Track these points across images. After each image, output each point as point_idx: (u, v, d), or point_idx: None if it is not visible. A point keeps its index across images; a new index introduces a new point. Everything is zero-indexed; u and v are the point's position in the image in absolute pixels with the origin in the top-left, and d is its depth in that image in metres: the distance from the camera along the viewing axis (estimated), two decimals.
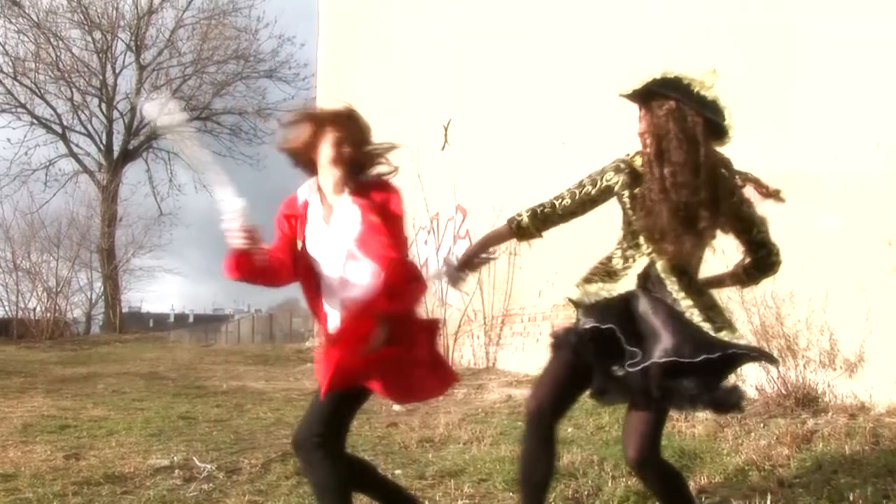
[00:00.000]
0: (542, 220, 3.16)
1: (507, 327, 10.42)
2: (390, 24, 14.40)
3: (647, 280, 2.87)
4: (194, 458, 5.07)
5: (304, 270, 3.00)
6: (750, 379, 6.51)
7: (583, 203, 3.11)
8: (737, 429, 5.38)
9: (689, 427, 5.59)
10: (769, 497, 3.65)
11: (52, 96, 30.17)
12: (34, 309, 23.45)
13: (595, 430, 5.85)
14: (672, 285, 2.81)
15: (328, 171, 3.04)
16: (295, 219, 3.03)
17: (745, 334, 2.77)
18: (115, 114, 31.59)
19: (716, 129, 2.92)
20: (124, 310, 33.46)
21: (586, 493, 3.87)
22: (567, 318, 2.81)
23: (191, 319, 64.43)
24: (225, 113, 32.23)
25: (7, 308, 23.89)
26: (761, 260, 3.11)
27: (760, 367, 6.25)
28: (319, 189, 3.06)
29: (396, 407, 5.00)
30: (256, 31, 31.27)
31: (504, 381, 8.80)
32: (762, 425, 5.43)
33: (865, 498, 3.59)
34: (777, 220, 6.87)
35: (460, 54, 12.02)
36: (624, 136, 8.75)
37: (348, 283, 2.92)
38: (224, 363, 13.72)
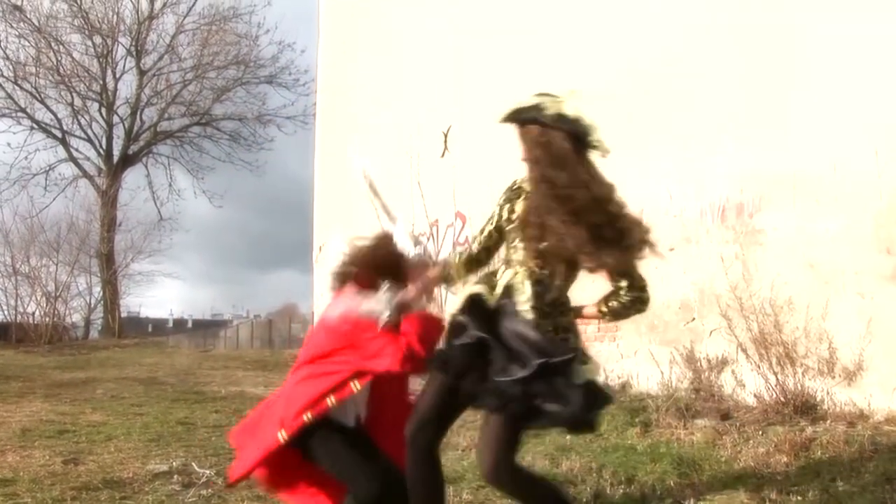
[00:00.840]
0: (466, 263, 3.17)
1: None
2: (390, 29, 14.42)
3: (510, 294, 2.90)
4: (193, 464, 5.07)
5: None
6: (749, 386, 6.53)
7: (490, 236, 3.16)
8: (735, 436, 5.39)
9: (687, 434, 5.60)
10: None
11: (52, 101, 30.14)
12: (33, 313, 23.45)
13: (593, 437, 5.84)
14: (531, 301, 2.87)
15: None
16: None
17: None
18: (115, 118, 31.57)
19: (585, 143, 2.94)
20: (123, 315, 33.36)
21: (585, 499, 3.88)
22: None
23: (189, 324, 64.32)
24: (225, 119, 32.20)
25: (6, 312, 23.89)
26: (620, 292, 3.13)
27: (759, 375, 6.27)
28: None
29: None
30: (257, 36, 31.24)
31: None
32: (761, 433, 5.44)
33: None
34: (775, 228, 6.91)
35: (460, 60, 12.04)
36: (627, 141, 8.75)
37: None
38: (223, 368, 13.70)
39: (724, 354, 7.00)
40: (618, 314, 3.11)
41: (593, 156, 2.97)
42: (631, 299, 3.05)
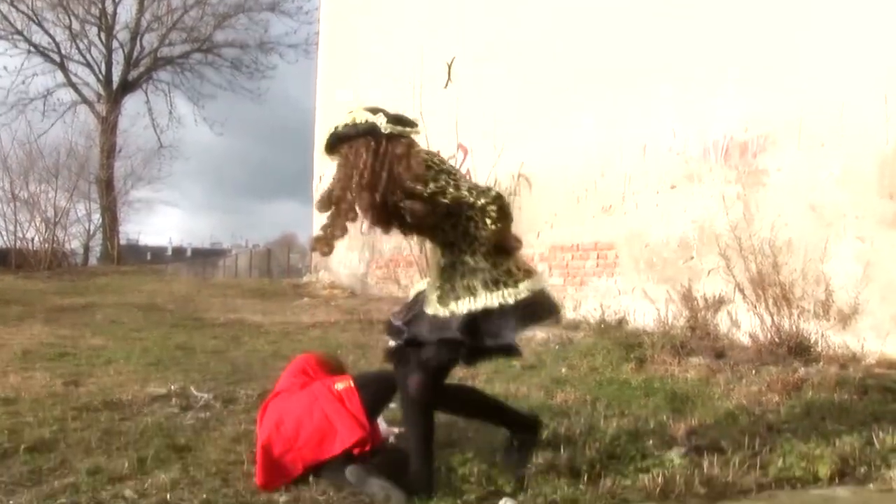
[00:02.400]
0: None
1: None
2: None
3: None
4: (191, 388, 5.13)
5: None
6: (744, 326, 6.58)
7: None
8: (729, 375, 5.44)
9: (681, 371, 5.66)
10: (758, 440, 3.71)
11: (49, 24, 29.64)
12: (32, 239, 23.40)
13: (589, 370, 5.91)
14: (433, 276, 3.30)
15: None
16: None
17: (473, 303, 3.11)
18: (115, 43, 31.10)
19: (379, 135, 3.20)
20: (122, 242, 33.36)
21: (578, 431, 3.92)
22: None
23: (188, 253, 64.50)
24: (226, 46, 31.75)
25: (5, 238, 23.78)
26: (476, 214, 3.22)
27: (755, 315, 6.30)
28: None
29: None
30: None
31: None
32: (754, 372, 5.49)
33: (851, 443, 3.64)
34: (779, 169, 6.87)
35: None
36: (631, 78, 8.64)
37: None
38: (221, 296, 13.77)
39: (721, 294, 7.03)
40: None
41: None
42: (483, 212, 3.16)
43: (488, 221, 3.09)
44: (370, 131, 3.17)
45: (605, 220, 8.86)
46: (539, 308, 3.21)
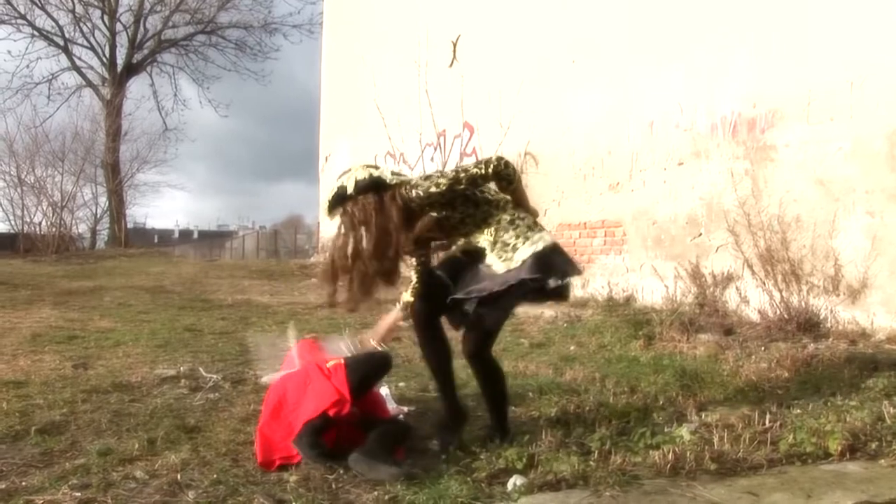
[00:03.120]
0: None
1: None
2: None
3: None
4: (200, 369, 5.13)
5: None
6: (753, 303, 6.56)
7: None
8: (738, 351, 5.43)
9: (690, 348, 5.65)
10: (768, 416, 3.70)
11: (52, 7, 29.60)
12: (40, 223, 23.48)
13: (597, 348, 5.91)
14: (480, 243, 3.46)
15: None
16: None
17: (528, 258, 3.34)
18: (118, 26, 31.03)
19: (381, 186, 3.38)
20: (129, 225, 33.43)
21: (588, 408, 3.92)
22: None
23: (195, 235, 64.61)
24: (230, 27, 31.69)
25: (13, 222, 23.91)
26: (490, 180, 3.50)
27: (764, 292, 6.28)
28: None
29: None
30: None
31: None
32: (763, 348, 5.47)
33: (862, 419, 3.63)
34: (787, 145, 6.83)
35: None
36: (639, 54, 8.58)
37: None
38: (229, 277, 13.79)
39: (730, 270, 7.01)
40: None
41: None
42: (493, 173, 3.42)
43: (511, 173, 3.36)
44: (374, 186, 3.35)
45: (613, 198, 8.83)
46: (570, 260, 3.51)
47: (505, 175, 3.35)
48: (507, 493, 2.86)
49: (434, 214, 3.38)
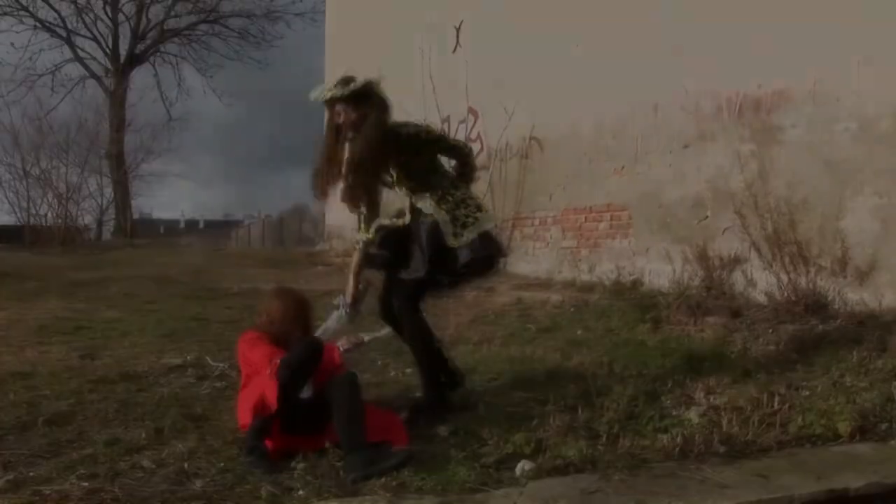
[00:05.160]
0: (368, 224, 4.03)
1: (518, 231, 10.41)
2: None
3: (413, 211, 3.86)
4: (207, 358, 5.14)
5: None
6: (760, 285, 6.52)
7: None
8: (746, 334, 5.41)
9: (697, 331, 5.63)
10: (776, 398, 3.69)
11: None
12: (45, 215, 23.45)
13: (604, 332, 5.89)
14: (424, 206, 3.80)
15: None
16: None
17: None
18: (121, 17, 30.93)
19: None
20: (135, 216, 33.41)
21: (596, 392, 3.91)
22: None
23: (201, 225, 64.62)
24: (233, 15, 31.53)
25: (18, 215, 23.88)
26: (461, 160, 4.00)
27: (771, 274, 6.24)
28: None
29: None
30: None
31: (514, 285, 8.80)
32: (771, 331, 5.45)
33: (871, 400, 3.62)
34: (794, 126, 6.77)
35: None
36: (643, 33, 8.52)
37: None
38: (235, 266, 13.77)
39: (737, 253, 6.97)
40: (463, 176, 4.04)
41: None
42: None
43: (474, 167, 4.00)
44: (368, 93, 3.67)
45: (618, 182, 8.79)
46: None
47: (471, 165, 3.98)
48: (515, 479, 2.86)
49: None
